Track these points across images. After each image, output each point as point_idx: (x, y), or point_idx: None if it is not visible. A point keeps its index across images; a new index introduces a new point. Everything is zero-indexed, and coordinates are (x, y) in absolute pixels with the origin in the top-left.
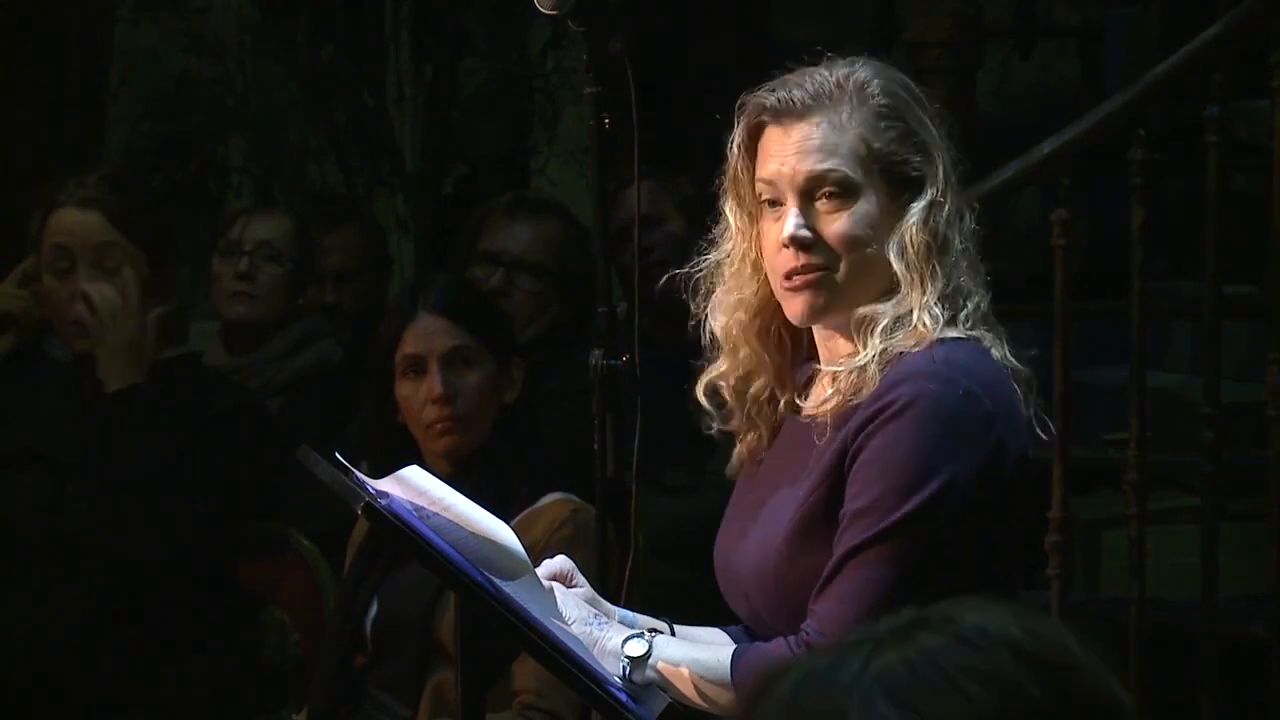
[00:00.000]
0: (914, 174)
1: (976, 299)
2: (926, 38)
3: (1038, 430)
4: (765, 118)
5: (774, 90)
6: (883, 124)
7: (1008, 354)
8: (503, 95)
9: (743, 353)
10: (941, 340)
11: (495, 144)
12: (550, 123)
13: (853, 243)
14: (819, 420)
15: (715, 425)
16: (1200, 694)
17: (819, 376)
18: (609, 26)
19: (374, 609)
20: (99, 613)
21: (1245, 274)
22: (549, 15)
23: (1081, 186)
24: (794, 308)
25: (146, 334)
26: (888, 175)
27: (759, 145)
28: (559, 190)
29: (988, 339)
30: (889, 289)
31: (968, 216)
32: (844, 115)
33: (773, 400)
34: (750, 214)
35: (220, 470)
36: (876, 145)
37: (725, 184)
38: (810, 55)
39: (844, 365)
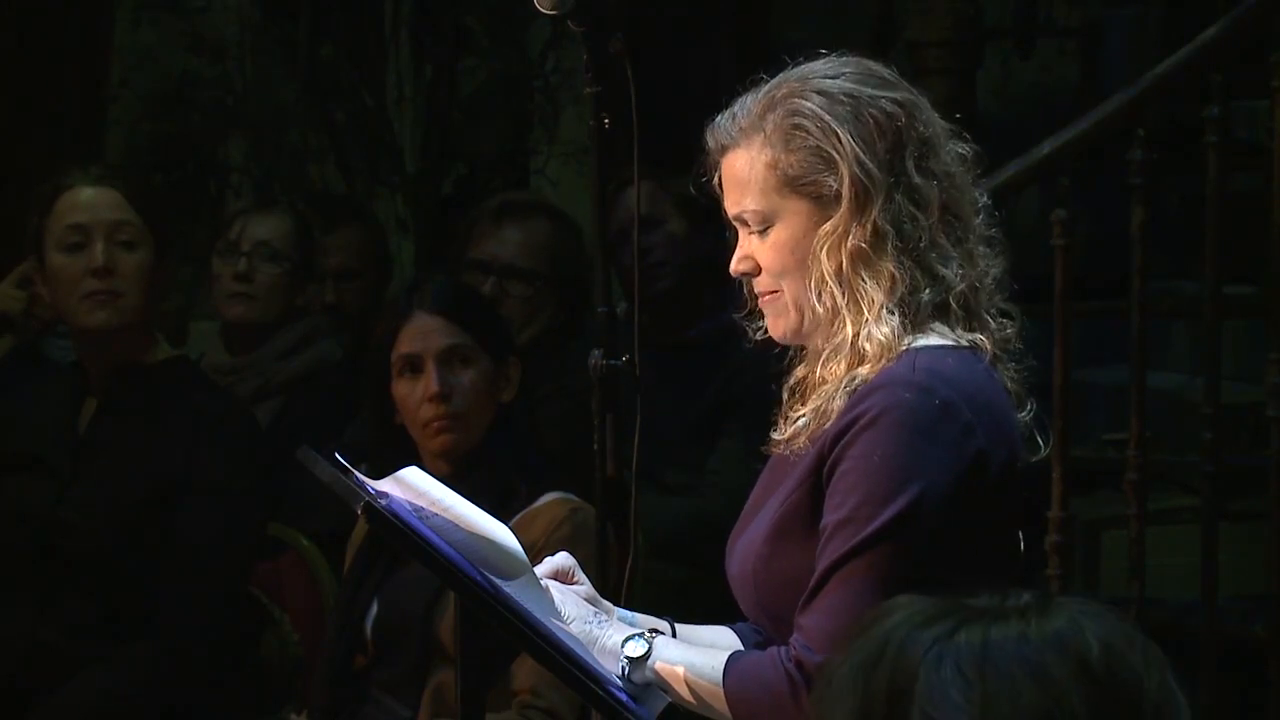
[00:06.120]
0: (827, 192)
1: (957, 288)
2: (926, 38)
3: (1038, 438)
4: (715, 155)
5: (717, 125)
6: (793, 145)
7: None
8: (503, 95)
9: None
10: (927, 347)
11: (495, 144)
12: (550, 123)
13: (778, 268)
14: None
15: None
16: (1200, 694)
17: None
18: (609, 26)
19: (374, 609)
20: (96, 618)
21: (1245, 274)
22: (549, 15)
23: (1081, 186)
24: (769, 329)
25: (151, 319)
26: (806, 195)
27: None
28: (559, 190)
29: (990, 336)
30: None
31: (930, 207)
32: (756, 145)
33: None
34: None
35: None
36: (786, 170)
37: None
38: (809, 55)
39: (811, 404)
